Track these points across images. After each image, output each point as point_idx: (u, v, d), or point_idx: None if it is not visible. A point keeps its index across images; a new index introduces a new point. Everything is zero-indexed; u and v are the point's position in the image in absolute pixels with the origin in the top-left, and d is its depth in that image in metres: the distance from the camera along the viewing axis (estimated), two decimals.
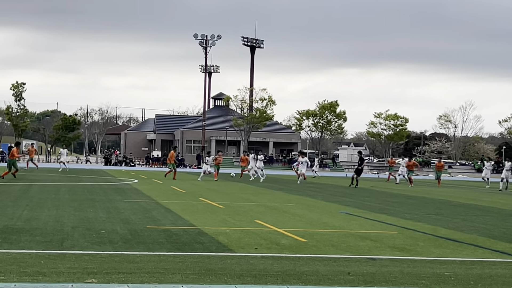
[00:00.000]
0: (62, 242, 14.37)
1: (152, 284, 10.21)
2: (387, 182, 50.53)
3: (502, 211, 28.19)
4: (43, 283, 10.02)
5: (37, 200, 25.00)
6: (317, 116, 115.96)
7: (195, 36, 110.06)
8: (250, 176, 52.46)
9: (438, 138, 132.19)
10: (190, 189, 36.78)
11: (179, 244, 14.60)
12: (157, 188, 36.80)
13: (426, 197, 37.07)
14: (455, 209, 28.06)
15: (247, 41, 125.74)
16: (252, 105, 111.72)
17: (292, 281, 10.79)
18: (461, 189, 51.04)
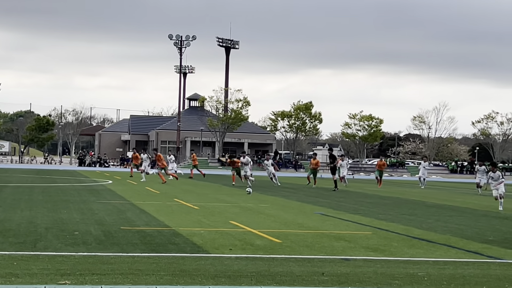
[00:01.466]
0: (35, 243, 14.29)
1: (126, 285, 10.19)
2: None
3: (475, 211, 28.38)
4: (16, 284, 9.97)
5: (10, 201, 24.86)
6: (292, 117, 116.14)
7: (170, 36, 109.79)
8: None
9: (412, 139, 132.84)
10: (164, 190, 36.68)
11: (153, 245, 14.58)
12: (131, 189, 36.70)
13: (400, 198, 37.25)
14: (429, 210, 28.21)
15: (222, 41, 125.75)
16: (227, 106, 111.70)
17: (266, 282, 10.81)
18: (435, 189, 51.26)
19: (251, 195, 21.73)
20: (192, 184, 44.29)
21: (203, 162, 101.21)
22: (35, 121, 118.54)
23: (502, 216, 25.88)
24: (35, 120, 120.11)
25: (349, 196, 36.84)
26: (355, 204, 30.21)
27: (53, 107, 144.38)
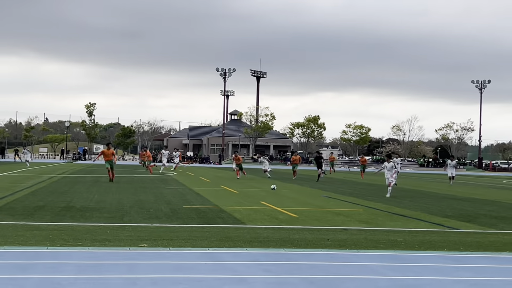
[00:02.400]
0: (122, 217, 14.37)
1: (187, 247, 10.21)
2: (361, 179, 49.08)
3: (438, 194, 28.07)
4: (109, 247, 10.03)
5: (104, 188, 25.03)
6: (305, 127, 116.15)
7: (217, 69, 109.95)
8: None
9: (391, 142, 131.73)
10: (213, 179, 36.72)
11: (205, 219, 14.60)
12: (189, 178, 36.78)
13: (383, 185, 36.86)
14: (404, 193, 27.97)
15: (254, 72, 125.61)
16: (258, 119, 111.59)
17: (288, 245, 10.79)
18: (408, 179, 50.82)
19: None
20: (233, 175, 44.27)
21: None
22: (121, 130, 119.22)
23: (458, 198, 25.57)
24: (121, 129, 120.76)
25: (345, 184, 36.64)
26: (350, 189, 30.03)
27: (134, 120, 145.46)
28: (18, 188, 23.06)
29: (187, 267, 8.53)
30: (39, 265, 8.34)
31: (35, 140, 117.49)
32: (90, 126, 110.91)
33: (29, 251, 9.35)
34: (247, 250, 10.15)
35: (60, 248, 9.73)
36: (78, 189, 23.70)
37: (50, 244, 10.05)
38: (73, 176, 34.69)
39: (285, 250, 10.26)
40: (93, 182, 29.56)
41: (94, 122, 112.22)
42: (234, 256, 9.56)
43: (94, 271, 8.07)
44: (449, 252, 10.61)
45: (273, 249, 10.31)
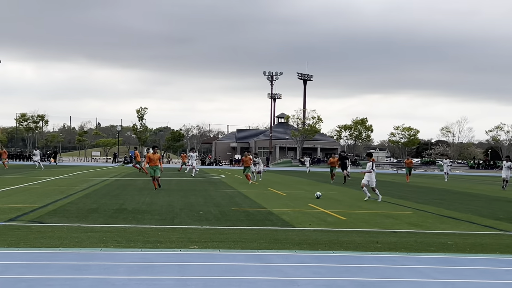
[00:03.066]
0: (173, 219, 14.53)
1: (236, 249, 10.25)
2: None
3: (489, 197, 27.46)
4: (160, 249, 10.16)
5: (155, 190, 25.33)
6: (352, 129, 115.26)
7: (264, 73, 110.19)
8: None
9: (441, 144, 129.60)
10: (261, 182, 36.77)
11: (254, 221, 14.63)
12: (238, 181, 36.93)
13: (432, 187, 36.37)
14: (454, 196, 27.45)
15: (301, 75, 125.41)
16: (305, 122, 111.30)
17: (336, 248, 10.72)
18: (458, 181, 49.85)
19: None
20: (280, 177, 44.26)
21: (288, 162, 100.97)
22: (171, 134, 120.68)
23: (510, 200, 24.96)
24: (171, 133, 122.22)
25: (394, 186, 36.18)
26: (399, 192, 29.64)
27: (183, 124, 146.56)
28: (72, 191, 23.57)
29: (237, 269, 8.57)
30: (93, 266, 8.51)
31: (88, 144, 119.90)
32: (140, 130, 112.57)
33: (83, 253, 9.55)
34: (296, 252, 10.13)
35: (113, 249, 9.90)
36: (130, 191, 24.06)
37: (103, 245, 10.24)
38: (124, 179, 35.26)
39: (334, 253, 10.20)
40: (144, 184, 29.96)
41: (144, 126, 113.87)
42: (283, 258, 9.55)
43: (146, 272, 8.18)
44: (501, 256, 10.37)
45: (322, 252, 10.26)
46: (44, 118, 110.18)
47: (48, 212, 15.43)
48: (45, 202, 18.22)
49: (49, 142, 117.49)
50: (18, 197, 20.03)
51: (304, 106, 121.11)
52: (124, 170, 53.94)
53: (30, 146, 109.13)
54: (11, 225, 12.55)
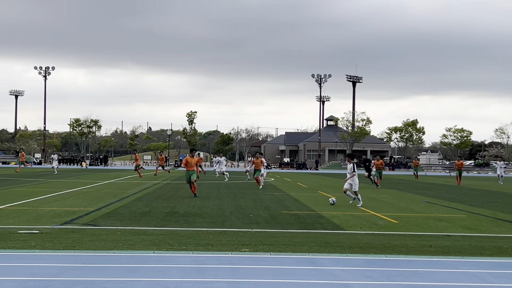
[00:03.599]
0: (224, 222, 14.60)
1: (287, 253, 10.24)
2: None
3: None
4: (212, 251, 10.23)
5: (205, 194, 25.52)
6: (402, 131, 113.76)
7: (312, 75, 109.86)
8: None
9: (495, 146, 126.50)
10: (310, 185, 36.65)
11: (304, 224, 14.58)
12: (287, 184, 36.90)
13: (486, 190, 35.54)
14: (509, 199, 26.76)
15: (350, 78, 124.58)
16: (354, 124, 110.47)
17: (388, 251, 10.59)
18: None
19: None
20: (330, 180, 43.99)
21: (337, 165, 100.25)
22: (220, 137, 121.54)
23: None
24: (220, 137, 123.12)
25: (447, 189, 35.51)
26: (452, 195, 29.06)
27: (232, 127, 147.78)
28: (125, 194, 23.97)
29: (288, 272, 8.55)
30: (147, 268, 8.63)
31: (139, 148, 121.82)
32: (190, 134, 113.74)
33: (137, 255, 9.69)
34: (347, 256, 10.05)
35: (165, 252, 10.02)
36: (181, 195, 24.31)
37: (156, 248, 10.37)
38: (175, 183, 35.65)
39: (386, 256, 10.08)
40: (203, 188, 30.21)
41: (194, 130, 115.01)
42: (335, 261, 9.48)
43: (198, 274, 8.25)
44: None
45: (373, 255, 10.15)
46: (97, 123, 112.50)
47: (102, 215, 15.73)
48: (99, 205, 18.58)
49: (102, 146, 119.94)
50: (72, 200, 20.49)
51: (354, 108, 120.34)
52: (174, 174, 54.55)
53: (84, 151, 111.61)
54: (67, 228, 12.85)
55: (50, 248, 10.13)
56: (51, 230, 12.49)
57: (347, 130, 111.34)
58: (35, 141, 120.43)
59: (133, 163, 47.35)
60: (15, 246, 10.26)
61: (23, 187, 27.92)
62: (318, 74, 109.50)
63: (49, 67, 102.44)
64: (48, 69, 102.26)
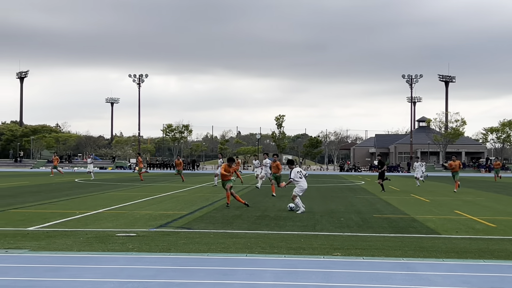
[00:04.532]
0: (314, 226, 14.57)
1: (380, 257, 10.08)
2: None
3: None
4: (303, 255, 10.22)
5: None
6: (499, 132, 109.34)
7: (403, 76, 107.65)
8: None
9: None
10: (402, 187, 35.91)
11: (397, 228, 14.31)
12: (378, 187, 36.30)
13: None
14: None
15: (442, 77, 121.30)
16: (447, 125, 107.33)
17: (487, 256, 10.22)
18: None
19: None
20: (427, 184, 42.91)
21: (430, 167, 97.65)
22: (309, 140, 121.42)
23: None
24: (308, 140, 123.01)
25: None
26: None
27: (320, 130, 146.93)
28: (216, 198, 24.38)
29: (382, 277, 8.42)
30: (240, 271, 8.74)
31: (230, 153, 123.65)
32: (279, 137, 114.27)
33: (230, 258, 9.83)
34: (443, 260, 9.77)
35: (258, 255, 10.11)
36: (271, 198, 24.43)
37: (248, 251, 10.48)
38: (264, 186, 35.89)
39: (485, 262, 9.72)
40: (284, 191, 30.30)
41: (283, 133, 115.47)
42: (430, 267, 9.24)
43: (291, 278, 8.27)
44: None
45: (471, 260, 9.82)
46: (188, 128, 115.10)
47: (195, 218, 16.08)
48: (192, 209, 19.00)
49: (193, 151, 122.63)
50: (167, 204, 21.05)
51: (446, 109, 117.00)
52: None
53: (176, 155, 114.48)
54: (162, 231, 13.22)
55: (146, 251, 10.46)
56: (147, 233, 12.89)
57: (440, 131, 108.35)
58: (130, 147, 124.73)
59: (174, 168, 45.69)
60: (114, 249, 10.67)
61: (120, 191, 28.96)
62: (408, 74, 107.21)
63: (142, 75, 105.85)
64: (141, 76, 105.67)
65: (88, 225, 14.24)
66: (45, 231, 13.00)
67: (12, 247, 10.72)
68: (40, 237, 12.08)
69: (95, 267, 8.96)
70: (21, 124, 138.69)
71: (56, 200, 22.35)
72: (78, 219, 15.64)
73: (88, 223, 14.68)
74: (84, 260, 9.50)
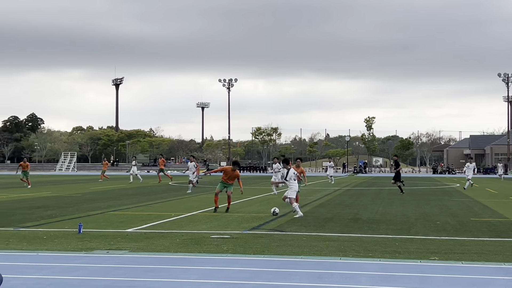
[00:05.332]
0: (409, 229, 14.28)
1: (480, 262, 9.74)
2: None
3: None
4: (399, 259, 10.01)
5: (387, 200, 25.14)
6: None
7: (499, 74, 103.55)
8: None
9: None
10: (501, 190, 34.53)
11: (497, 232, 13.79)
12: (474, 190, 35.09)
13: None
14: None
15: None
16: None
17: None
18: None
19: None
20: None
21: None
22: (400, 142, 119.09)
23: None
24: (399, 141, 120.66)
25: None
26: None
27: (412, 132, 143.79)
28: (307, 201, 24.35)
29: (482, 282, 8.14)
30: (335, 274, 8.69)
31: (318, 155, 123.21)
32: (369, 139, 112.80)
33: (324, 261, 9.80)
34: None
35: (352, 258, 10.01)
36: (363, 201, 24.17)
37: (342, 254, 10.41)
38: (356, 189, 35.52)
39: None
40: (376, 194, 29.91)
41: (372, 135, 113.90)
42: None
43: (387, 282, 8.14)
44: None
45: None
46: (277, 131, 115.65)
47: (287, 221, 16.13)
48: (284, 211, 19.06)
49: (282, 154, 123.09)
50: (258, 206, 21.24)
51: None
52: (354, 180, 54.39)
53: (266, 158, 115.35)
54: (255, 233, 13.35)
55: (241, 253, 10.59)
56: (241, 235, 13.06)
57: None
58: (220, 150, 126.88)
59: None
60: (209, 250, 10.87)
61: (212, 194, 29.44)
62: (505, 73, 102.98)
63: (231, 79, 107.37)
64: (231, 81, 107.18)
65: (183, 227, 14.60)
66: (143, 233, 13.44)
67: (112, 248, 11.15)
68: (139, 238, 12.50)
69: (192, 268, 9.17)
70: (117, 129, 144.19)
71: (152, 203, 23.05)
72: (174, 221, 16.06)
73: (183, 225, 15.05)
74: (181, 261, 9.75)
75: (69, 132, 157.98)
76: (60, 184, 42.43)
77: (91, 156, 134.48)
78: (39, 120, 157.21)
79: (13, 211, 19.00)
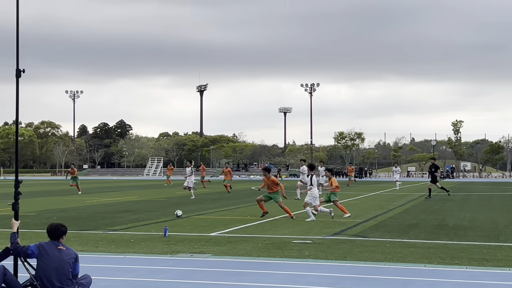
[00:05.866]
0: (498, 236, 13.79)
1: None
2: None
3: None
4: (487, 267, 9.69)
5: (475, 206, 24.35)
6: None
7: None
8: None
9: None
10: None
11: None
12: None
13: None
14: None
15: None
16: None
17: None
18: None
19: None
20: None
21: None
22: (489, 146, 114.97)
23: None
24: (489, 146, 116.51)
25: None
26: None
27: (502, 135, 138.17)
28: (391, 206, 23.94)
29: None
30: (419, 281, 8.50)
31: (403, 160, 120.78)
32: (456, 143, 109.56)
33: (408, 268, 9.60)
34: None
35: (437, 266, 9.76)
36: (449, 207, 23.49)
37: (427, 261, 10.16)
38: (441, 195, 34.57)
39: None
40: (463, 200, 29.03)
41: (460, 139, 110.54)
42: None
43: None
44: None
45: None
46: (361, 136, 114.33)
47: (370, 226, 15.91)
48: (366, 217, 18.84)
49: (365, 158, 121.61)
50: (340, 212, 21.02)
51: None
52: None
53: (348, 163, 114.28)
54: (337, 239, 13.25)
55: (323, 258, 10.54)
56: (322, 240, 12.99)
57: None
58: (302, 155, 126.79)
59: None
60: (291, 255, 10.89)
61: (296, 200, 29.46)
62: None
63: (314, 84, 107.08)
64: (313, 85, 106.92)
65: (265, 232, 14.68)
66: (226, 237, 13.63)
67: (196, 251, 11.36)
68: (222, 242, 12.67)
69: (274, 272, 9.21)
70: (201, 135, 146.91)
71: (234, 207, 23.32)
72: (256, 226, 16.19)
73: (266, 230, 15.14)
74: (263, 266, 9.81)
75: (155, 137, 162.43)
76: (146, 188, 43.66)
77: (177, 161, 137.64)
78: (127, 126, 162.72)
79: (103, 215, 19.72)
